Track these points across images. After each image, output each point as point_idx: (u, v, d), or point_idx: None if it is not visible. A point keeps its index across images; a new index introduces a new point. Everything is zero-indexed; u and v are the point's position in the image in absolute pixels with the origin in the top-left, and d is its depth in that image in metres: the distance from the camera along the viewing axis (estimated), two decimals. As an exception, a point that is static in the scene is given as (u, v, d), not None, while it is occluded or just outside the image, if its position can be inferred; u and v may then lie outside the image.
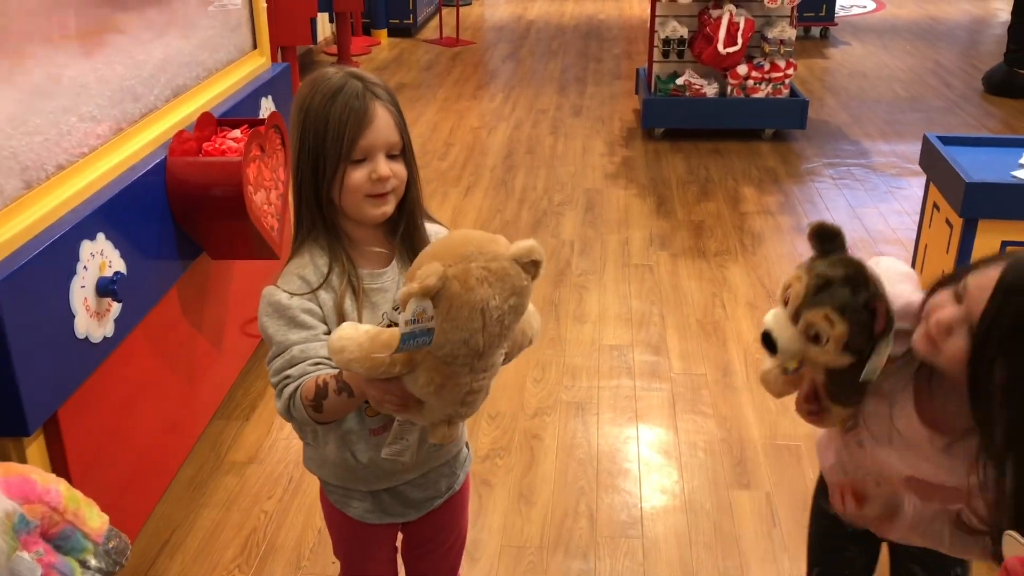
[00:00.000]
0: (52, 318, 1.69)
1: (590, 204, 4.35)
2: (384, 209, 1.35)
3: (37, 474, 1.29)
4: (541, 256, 1.15)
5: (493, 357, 1.20)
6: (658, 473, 2.51)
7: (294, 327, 1.32)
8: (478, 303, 1.10)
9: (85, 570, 1.30)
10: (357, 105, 1.30)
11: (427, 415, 1.24)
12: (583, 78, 6.61)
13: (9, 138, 1.69)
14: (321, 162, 1.31)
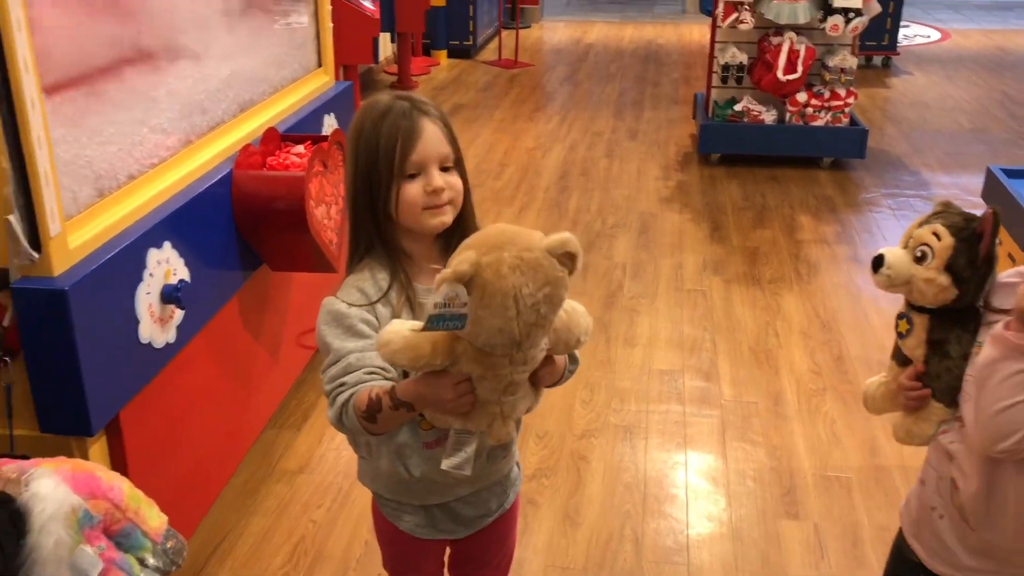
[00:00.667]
0: (118, 322, 1.74)
1: (644, 227, 4.34)
2: (442, 219, 1.38)
3: (102, 471, 1.33)
4: (576, 248, 1.16)
5: (533, 349, 1.21)
6: (705, 500, 2.49)
7: (351, 336, 1.34)
8: (510, 290, 1.12)
9: (143, 568, 1.33)
10: (406, 123, 1.34)
11: (479, 417, 1.25)
12: (640, 102, 6.62)
13: (85, 147, 1.75)
14: (376, 181, 1.35)
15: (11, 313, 1.60)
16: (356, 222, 1.41)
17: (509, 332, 1.14)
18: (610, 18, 10.26)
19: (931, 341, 1.43)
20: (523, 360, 1.20)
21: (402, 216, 1.37)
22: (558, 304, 1.18)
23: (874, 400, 1.57)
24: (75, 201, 1.71)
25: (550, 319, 1.18)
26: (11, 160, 1.51)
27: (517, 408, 1.27)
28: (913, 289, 1.42)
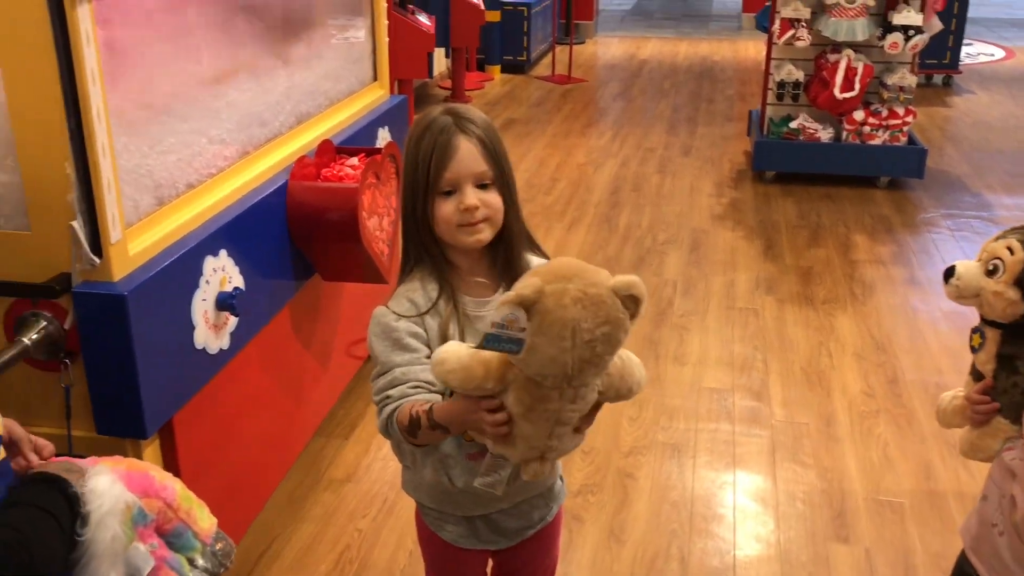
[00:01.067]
0: (174, 328, 1.78)
1: (695, 244, 4.32)
2: (478, 237, 1.38)
3: (155, 471, 1.36)
4: (641, 293, 1.16)
5: (584, 388, 1.20)
6: (754, 521, 2.46)
7: (398, 349, 1.36)
8: (569, 322, 1.12)
9: (192, 568, 1.35)
10: (442, 139, 1.36)
11: (519, 449, 1.25)
12: (694, 118, 6.58)
13: (146, 156, 1.80)
14: (417, 196, 1.38)
15: (72, 316, 1.64)
16: (406, 233, 1.43)
17: (561, 363, 1.14)
18: (665, 34, 10.24)
19: (1001, 356, 1.43)
20: (572, 397, 1.20)
21: (440, 232, 1.39)
22: (615, 346, 1.17)
23: (945, 414, 1.58)
24: (136, 209, 1.75)
25: (605, 360, 1.17)
26: (76, 168, 1.55)
27: (561, 450, 1.27)
28: (983, 302, 1.43)
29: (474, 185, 1.37)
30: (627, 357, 1.27)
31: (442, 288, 1.40)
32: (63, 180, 1.55)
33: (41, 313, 1.64)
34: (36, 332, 1.63)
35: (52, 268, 1.62)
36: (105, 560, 1.21)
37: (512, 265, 1.44)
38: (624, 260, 4.12)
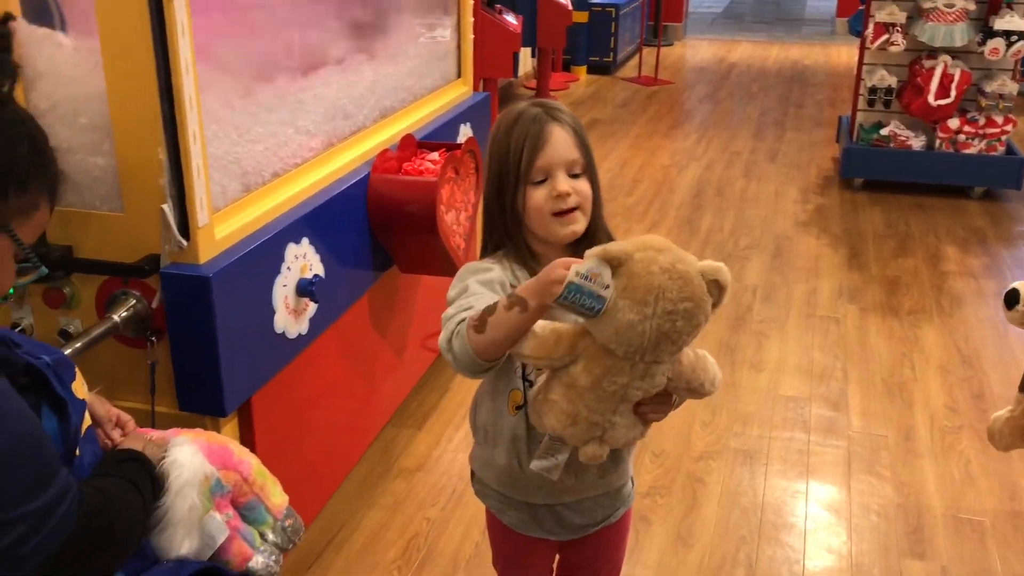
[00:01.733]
0: (256, 311, 1.84)
1: (778, 250, 4.24)
2: (573, 228, 1.38)
3: (234, 445, 1.41)
4: (727, 280, 1.15)
5: (655, 366, 1.19)
6: (826, 532, 2.41)
7: (488, 287, 1.34)
8: (655, 288, 1.11)
9: (263, 542, 1.40)
10: (534, 128, 1.36)
11: (580, 426, 1.24)
12: (782, 123, 6.47)
13: (235, 144, 1.86)
14: (505, 186, 1.38)
15: (159, 296, 1.71)
16: (489, 225, 1.44)
17: (640, 332, 1.12)
18: (756, 38, 10.08)
19: None
20: (643, 374, 1.19)
21: (532, 222, 1.38)
22: (695, 326, 1.15)
23: (1001, 435, 1.50)
24: (223, 194, 1.82)
25: (683, 339, 1.16)
26: (168, 153, 1.62)
27: (618, 435, 1.26)
28: None
29: (566, 172, 1.37)
30: (702, 354, 1.26)
31: (529, 276, 1.38)
32: (155, 165, 1.62)
33: (131, 292, 1.71)
34: (126, 310, 1.70)
35: (142, 249, 1.69)
36: (181, 528, 1.26)
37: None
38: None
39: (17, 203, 1.08)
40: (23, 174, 1.08)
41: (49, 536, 1.02)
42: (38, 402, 1.13)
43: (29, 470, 1.01)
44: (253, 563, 1.36)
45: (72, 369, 1.24)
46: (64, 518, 1.04)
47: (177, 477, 1.27)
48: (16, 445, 1.00)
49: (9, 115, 1.07)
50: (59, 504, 1.03)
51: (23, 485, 1.00)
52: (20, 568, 1.00)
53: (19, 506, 0.99)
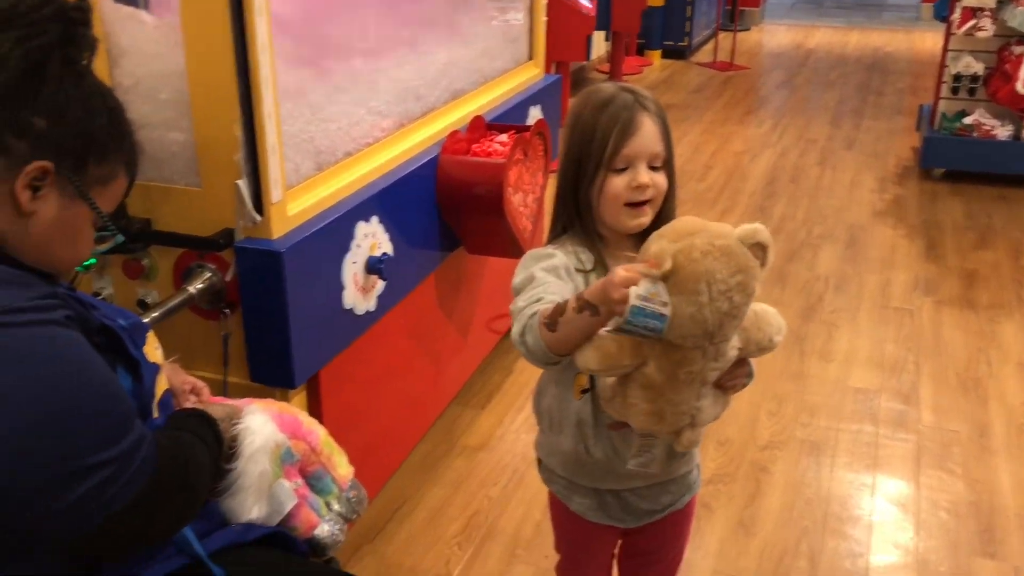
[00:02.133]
0: (325, 287, 1.88)
1: (852, 240, 4.15)
2: (641, 220, 1.38)
3: (303, 416, 1.44)
4: (767, 239, 1.15)
5: (724, 344, 1.18)
6: (892, 527, 2.36)
7: (553, 274, 1.34)
8: (703, 275, 1.10)
9: (328, 511, 1.43)
10: (625, 115, 1.34)
11: (668, 421, 1.23)
12: (860, 110, 6.32)
13: (309, 123, 1.89)
14: (584, 168, 1.37)
15: (233, 269, 1.75)
16: (560, 201, 1.43)
17: (701, 320, 1.12)
18: (835, 23, 9.84)
19: None
20: (715, 354, 1.19)
21: (603, 208, 1.38)
22: (750, 294, 1.15)
23: None
24: (296, 172, 1.85)
25: (742, 311, 1.16)
26: (244, 130, 1.66)
27: (707, 415, 1.25)
28: None
29: (647, 165, 1.36)
30: (761, 309, 1.25)
31: (596, 260, 1.39)
32: (231, 141, 1.66)
33: (206, 265, 1.77)
34: (201, 282, 1.75)
35: (218, 223, 1.74)
36: (251, 493, 1.30)
37: None
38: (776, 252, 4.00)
39: (96, 172, 1.12)
40: (102, 144, 1.11)
41: (130, 481, 1.05)
42: (113, 362, 1.17)
43: (109, 417, 1.04)
44: (319, 531, 1.39)
45: (144, 333, 1.28)
46: (143, 463, 1.06)
47: (250, 443, 1.30)
48: (97, 393, 1.04)
49: (89, 87, 1.10)
50: (138, 449, 1.06)
51: (104, 431, 1.03)
52: (102, 513, 1.03)
53: (101, 451, 1.02)
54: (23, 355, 0.98)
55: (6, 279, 1.02)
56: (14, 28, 1.03)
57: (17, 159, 1.05)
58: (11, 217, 1.07)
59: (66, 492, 1.00)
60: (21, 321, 0.99)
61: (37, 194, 1.07)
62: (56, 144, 1.06)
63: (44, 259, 1.10)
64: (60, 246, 1.12)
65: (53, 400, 0.99)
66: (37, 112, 1.05)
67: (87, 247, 1.16)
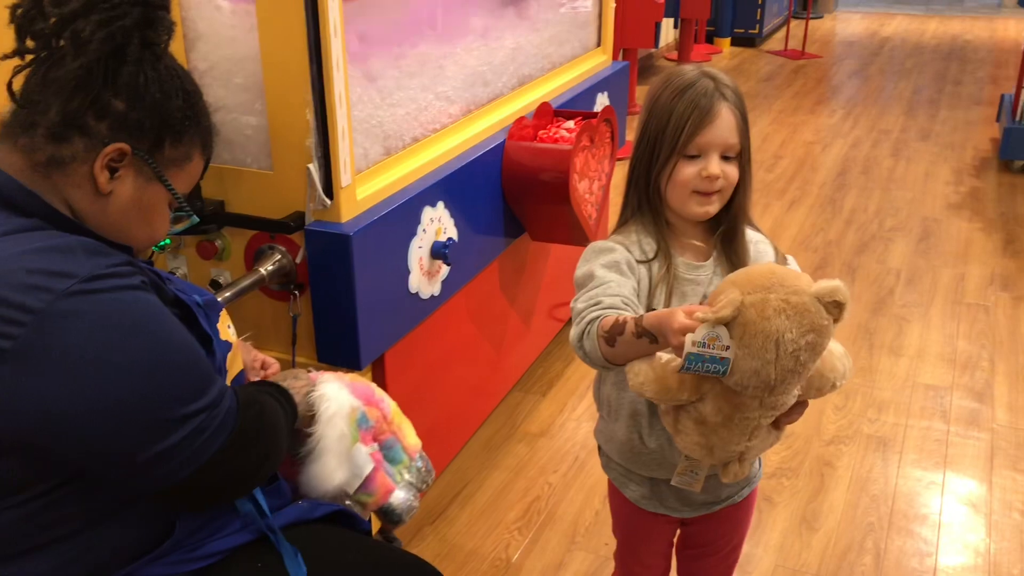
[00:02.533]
0: (392, 271, 1.90)
1: (925, 233, 4.05)
2: (707, 209, 1.37)
3: (374, 386, 1.47)
4: (845, 298, 1.11)
5: (784, 395, 1.17)
6: (962, 527, 2.31)
7: (615, 270, 1.34)
8: (773, 333, 1.08)
9: (400, 479, 1.45)
10: (703, 103, 1.32)
11: (717, 455, 1.23)
12: (937, 100, 6.14)
13: (378, 108, 1.91)
14: (657, 151, 1.36)
15: (303, 252, 1.78)
16: (632, 182, 1.42)
17: (764, 376, 1.11)
18: (913, 11, 9.57)
19: None
20: (772, 405, 1.18)
21: (671, 194, 1.37)
22: (819, 353, 1.13)
23: None
24: (365, 157, 1.88)
25: (808, 367, 1.14)
26: (315, 115, 1.68)
27: (756, 450, 1.25)
28: None
29: (720, 155, 1.35)
30: (829, 351, 1.21)
31: (659, 247, 1.39)
32: (303, 125, 1.69)
33: (277, 247, 1.80)
34: (272, 263, 1.79)
35: (288, 206, 1.77)
36: (333, 457, 1.32)
37: (733, 239, 1.41)
38: (846, 245, 3.93)
39: (172, 154, 1.14)
40: (178, 126, 1.14)
41: (217, 431, 1.09)
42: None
43: (195, 371, 1.08)
44: (394, 497, 1.41)
45: (218, 311, 1.31)
46: (228, 414, 1.10)
47: (326, 408, 1.33)
48: (180, 348, 1.08)
49: (166, 70, 1.12)
50: (221, 403, 1.10)
51: (191, 384, 1.07)
52: (184, 470, 1.07)
53: (190, 402, 1.06)
54: (110, 317, 1.02)
55: (88, 248, 1.05)
56: (96, 12, 1.06)
57: (96, 140, 1.08)
58: (90, 196, 1.10)
59: (158, 443, 1.04)
60: (105, 287, 1.02)
61: (115, 175, 1.10)
62: (134, 126, 1.09)
63: (121, 237, 1.14)
64: (137, 225, 1.15)
65: (142, 358, 1.03)
66: (116, 94, 1.08)
67: (163, 227, 1.19)
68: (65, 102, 1.06)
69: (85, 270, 1.02)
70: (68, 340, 0.99)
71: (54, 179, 1.09)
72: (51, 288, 0.99)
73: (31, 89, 1.08)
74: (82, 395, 1.00)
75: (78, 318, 0.99)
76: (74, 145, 1.07)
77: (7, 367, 0.97)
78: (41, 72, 1.08)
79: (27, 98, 1.09)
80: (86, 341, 0.99)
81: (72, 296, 0.99)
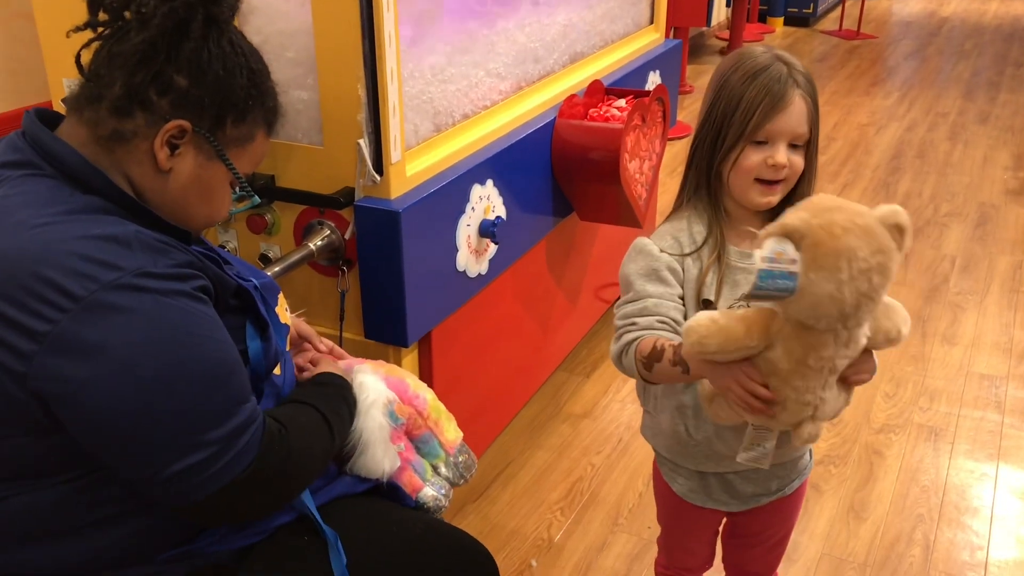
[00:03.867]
0: (439, 248, 1.89)
1: (982, 219, 3.95)
2: (769, 199, 1.33)
3: (411, 379, 1.45)
4: (906, 222, 1.09)
5: (858, 328, 1.13)
6: (1016, 521, 2.25)
7: (655, 280, 1.33)
8: (844, 251, 1.05)
9: (435, 475, 1.43)
10: (776, 89, 1.28)
11: (789, 411, 1.18)
12: (997, 83, 5.98)
13: (429, 84, 1.90)
14: (723, 135, 1.31)
15: (352, 228, 1.78)
16: (692, 165, 1.39)
17: (839, 300, 1.07)
18: (973, -10, 9.31)
19: None
20: (847, 340, 1.13)
21: (732, 179, 1.33)
22: (888, 278, 1.09)
23: None
24: (415, 133, 1.87)
25: (880, 293, 1.10)
26: (367, 90, 1.67)
27: (829, 409, 1.19)
28: None
29: (788, 143, 1.30)
30: (887, 300, 1.18)
31: (710, 233, 1.35)
32: (355, 100, 1.68)
33: (326, 222, 1.80)
34: (321, 239, 1.79)
35: (338, 182, 1.76)
36: (379, 447, 1.32)
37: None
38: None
39: (234, 133, 1.13)
40: (241, 105, 1.12)
41: (232, 463, 1.04)
42: (243, 322, 1.18)
43: (219, 397, 1.04)
44: (422, 494, 1.39)
45: (276, 294, 1.31)
46: (246, 448, 1.06)
47: (365, 399, 1.32)
48: (213, 369, 1.04)
49: (231, 46, 1.10)
50: (244, 432, 1.06)
51: (213, 409, 1.03)
52: (202, 491, 1.04)
53: (209, 429, 1.02)
54: (151, 320, 0.99)
55: (147, 243, 1.03)
56: None
57: (158, 116, 1.07)
58: (151, 173, 1.10)
59: (174, 462, 1.01)
60: (155, 288, 1.00)
61: (175, 152, 1.09)
62: (195, 103, 1.08)
63: (180, 215, 1.13)
64: (196, 204, 1.14)
65: (170, 374, 1.00)
66: (179, 70, 1.07)
67: (224, 207, 1.18)
68: (128, 76, 1.06)
69: (135, 264, 1.00)
70: (103, 335, 0.97)
71: (117, 154, 1.08)
72: (97, 277, 0.97)
73: (99, 63, 1.08)
74: (106, 394, 0.98)
75: (118, 313, 0.97)
76: (136, 120, 1.07)
77: (44, 348, 0.96)
78: (108, 46, 1.08)
79: (94, 71, 1.08)
80: (120, 340, 0.97)
81: (117, 289, 0.98)
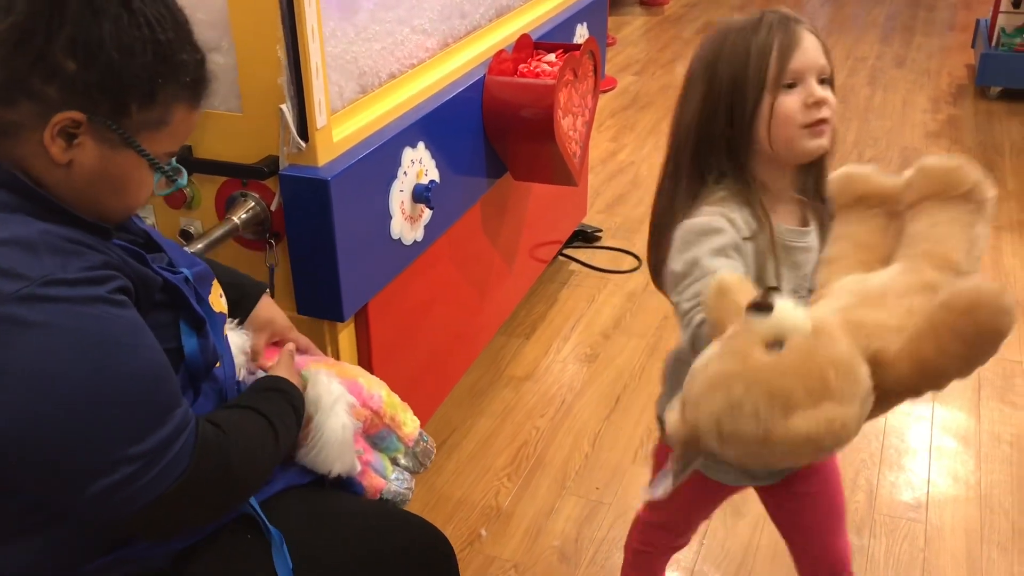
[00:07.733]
0: (372, 216, 1.81)
1: (905, 163, 3.97)
2: (821, 142, 1.20)
3: (364, 378, 1.38)
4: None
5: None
6: (951, 459, 2.30)
7: (719, 255, 1.15)
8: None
9: (395, 467, 1.40)
10: (782, 31, 1.19)
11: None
12: (911, 27, 6.06)
13: (352, 43, 1.80)
14: (741, 100, 1.20)
15: (278, 198, 1.69)
16: (697, 155, 1.24)
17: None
18: (883, -65, 9.41)
19: None
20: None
21: (774, 136, 1.19)
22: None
23: None
24: (340, 96, 1.77)
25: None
26: (287, 51, 1.57)
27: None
28: None
29: (817, 79, 1.20)
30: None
31: (756, 217, 1.21)
32: (274, 63, 1.58)
33: (249, 194, 1.70)
34: (245, 212, 1.69)
35: (261, 151, 1.67)
36: (336, 447, 1.25)
37: (819, 184, 1.25)
38: (824, 176, 3.88)
39: (143, 117, 1.00)
40: (146, 86, 0.99)
41: (160, 476, 0.97)
42: (174, 318, 1.10)
43: (144, 410, 0.97)
44: (385, 492, 1.36)
45: (210, 282, 1.22)
46: (176, 459, 0.99)
47: (328, 394, 1.26)
48: (135, 381, 0.96)
49: (131, 17, 0.97)
50: (172, 444, 0.98)
51: (135, 424, 0.96)
52: (129, 506, 0.97)
53: (130, 445, 0.95)
54: (63, 334, 0.91)
55: (55, 246, 0.94)
56: None
57: (46, 106, 0.95)
58: (49, 167, 0.98)
59: (89, 483, 0.94)
60: (66, 296, 0.91)
61: (72, 143, 0.98)
62: (89, 89, 0.96)
63: (92, 209, 1.02)
64: (109, 196, 1.03)
65: (88, 385, 0.92)
66: (65, 52, 0.94)
67: (142, 194, 1.07)
68: (5, 61, 0.94)
69: (42, 271, 0.91)
70: (8, 355, 0.88)
71: (5, 147, 0.97)
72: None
73: None
74: (15, 416, 0.90)
75: (25, 328, 0.89)
76: (21, 110, 0.95)
77: None
78: None
79: None
80: (27, 360, 0.89)
81: (21, 302, 0.89)
